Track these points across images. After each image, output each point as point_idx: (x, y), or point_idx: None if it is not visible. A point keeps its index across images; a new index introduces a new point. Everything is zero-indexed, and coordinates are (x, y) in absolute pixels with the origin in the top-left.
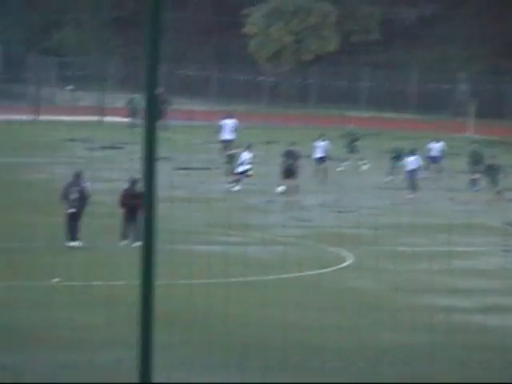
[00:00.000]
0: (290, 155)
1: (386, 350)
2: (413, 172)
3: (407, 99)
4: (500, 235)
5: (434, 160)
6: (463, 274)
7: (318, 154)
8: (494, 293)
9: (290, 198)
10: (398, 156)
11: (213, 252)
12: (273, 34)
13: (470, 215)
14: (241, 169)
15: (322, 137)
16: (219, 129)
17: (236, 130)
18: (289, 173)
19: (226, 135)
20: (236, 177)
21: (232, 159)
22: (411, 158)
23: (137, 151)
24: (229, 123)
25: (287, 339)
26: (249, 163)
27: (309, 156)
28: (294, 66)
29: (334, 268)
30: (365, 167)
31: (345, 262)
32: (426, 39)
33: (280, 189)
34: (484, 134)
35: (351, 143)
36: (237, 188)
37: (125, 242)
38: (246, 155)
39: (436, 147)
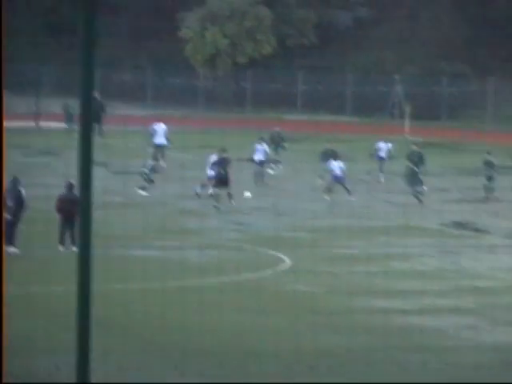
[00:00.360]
0: (222, 163)
1: (324, 352)
2: (337, 176)
3: (343, 102)
4: (436, 236)
5: (380, 160)
6: (400, 275)
7: (258, 157)
8: (430, 294)
9: (223, 204)
10: (327, 159)
11: (149, 257)
12: (208, 37)
13: (406, 217)
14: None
15: (261, 140)
16: (153, 133)
17: (166, 135)
18: (222, 181)
19: (159, 140)
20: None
21: (152, 167)
22: (334, 163)
23: (73, 156)
24: (160, 128)
25: (225, 343)
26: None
27: (246, 159)
28: (230, 70)
29: (271, 271)
30: (278, 171)
31: (282, 265)
32: (361, 42)
33: (247, 194)
34: (419, 136)
35: (278, 146)
36: (210, 191)
37: (62, 248)
38: (213, 158)
39: (383, 147)
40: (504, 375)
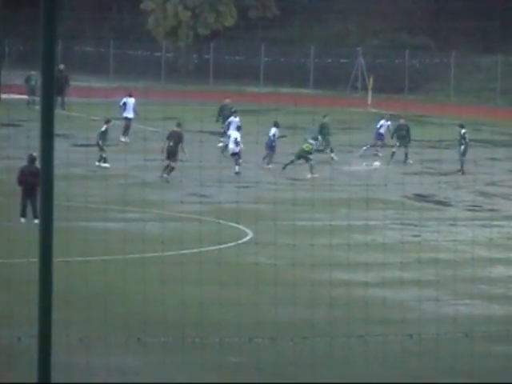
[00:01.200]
0: (172, 136)
1: (286, 325)
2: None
3: (306, 74)
4: (398, 209)
5: (379, 137)
6: (362, 248)
7: (232, 130)
8: (392, 266)
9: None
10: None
11: (110, 229)
12: (170, 9)
13: (368, 190)
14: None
15: (235, 113)
16: (123, 106)
17: (135, 108)
18: (169, 154)
19: (128, 113)
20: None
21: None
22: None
23: (35, 129)
24: (130, 101)
25: (186, 315)
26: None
27: (208, 132)
28: (192, 42)
29: (233, 243)
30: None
31: (244, 237)
32: (323, 15)
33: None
34: (381, 108)
35: (226, 119)
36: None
37: (23, 220)
38: None
39: (384, 125)
40: (464, 347)
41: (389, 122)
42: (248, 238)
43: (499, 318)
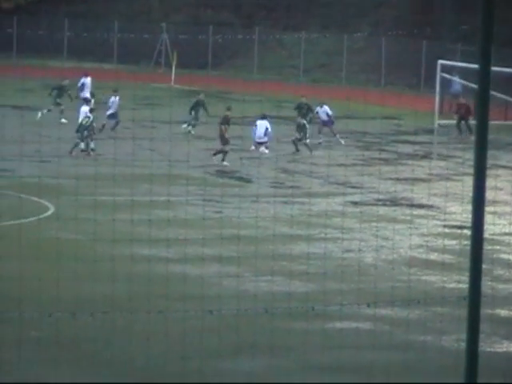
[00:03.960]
0: None
1: (86, 300)
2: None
3: (109, 49)
4: (200, 185)
5: (325, 123)
6: (164, 224)
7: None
8: (194, 242)
9: None
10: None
11: None
12: None
13: (171, 165)
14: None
15: (115, 93)
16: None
17: None
18: None
19: None
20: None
21: None
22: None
23: None
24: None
25: None
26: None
27: (10, 106)
28: None
29: (33, 218)
30: (65, 120)
31: (45, 212)
32: None
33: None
34: (184, 84)
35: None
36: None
37: None
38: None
39: (322, 111)
40: (264, 323)
41: (325, 107)
42: (49, 212)
43: (300, 295)
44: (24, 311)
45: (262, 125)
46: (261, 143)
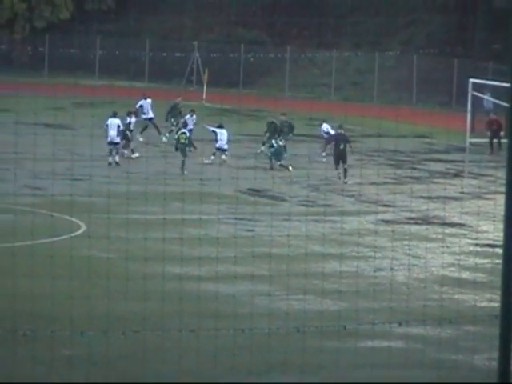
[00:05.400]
0: None
1: (118, 318)
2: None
3: (141, 67)
4: (232, 203)
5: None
6: (195, 242)
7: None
8: (226, 261)
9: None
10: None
11: None
12: (6, 2)
13: (202, 183)
14: None
15: (192, 112)
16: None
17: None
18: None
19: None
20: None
21: None
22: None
23: None
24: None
25: (18, 308)
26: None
27: (42, 124)
28: (28, 34)
29: (66, 236)
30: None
31: (77, 230)
32: (158, 7)
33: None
34: (216, 102)
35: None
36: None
37: None
38: None
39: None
40: (296, 342)
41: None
42: (81, 231)
43: (331, 314)
44: (56, 330)
45: (223, 133)
46: (223, 150)
